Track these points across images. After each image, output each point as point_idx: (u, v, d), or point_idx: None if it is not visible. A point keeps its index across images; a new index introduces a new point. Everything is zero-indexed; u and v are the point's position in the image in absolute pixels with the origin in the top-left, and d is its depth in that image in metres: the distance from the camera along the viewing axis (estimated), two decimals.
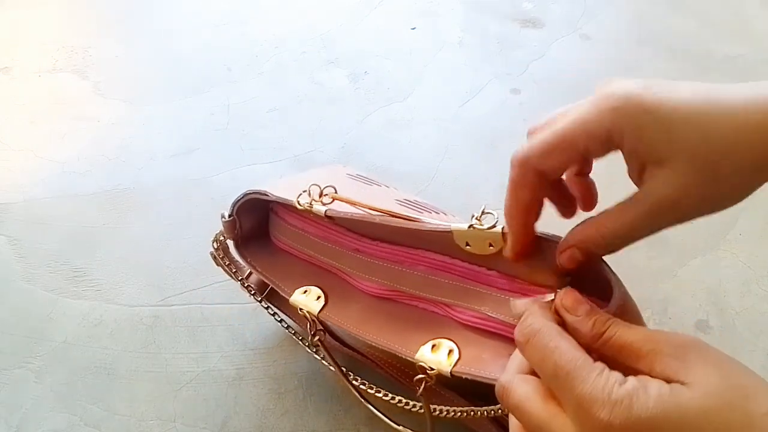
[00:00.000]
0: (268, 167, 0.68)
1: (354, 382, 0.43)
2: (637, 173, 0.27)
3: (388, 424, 0.44)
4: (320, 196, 0.39)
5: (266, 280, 0.44)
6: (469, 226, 0.33)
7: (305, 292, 0.41)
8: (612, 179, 0.31)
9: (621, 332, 0.26)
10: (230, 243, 0.45)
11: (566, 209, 0.33)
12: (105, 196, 0.65)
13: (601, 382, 0.23)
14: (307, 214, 0.41)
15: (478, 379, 0.33)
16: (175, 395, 0.49)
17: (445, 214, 0.45)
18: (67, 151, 0.70)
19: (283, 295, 0.42)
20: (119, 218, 0.62)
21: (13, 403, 0.48)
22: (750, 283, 0.56)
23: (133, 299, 0.55)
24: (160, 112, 0.75)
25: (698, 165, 0.25)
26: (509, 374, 0.27)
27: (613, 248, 0.28)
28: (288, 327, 0.47)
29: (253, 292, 0.46)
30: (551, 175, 0.28)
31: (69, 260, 0.58)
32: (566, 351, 0.25)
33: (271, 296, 0.48)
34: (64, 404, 0.48)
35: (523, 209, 0.30)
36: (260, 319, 0.54)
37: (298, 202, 0.39)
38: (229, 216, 0.43)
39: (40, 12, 0.92)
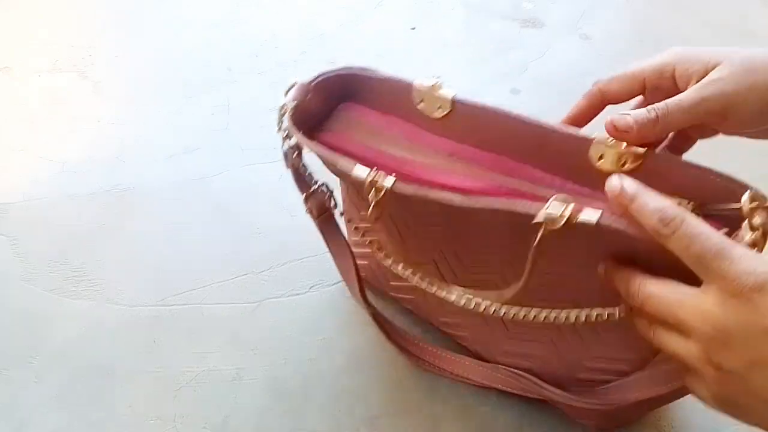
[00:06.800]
0: (268, 167, 0.68)
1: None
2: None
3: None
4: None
5: (321, 157, 0.38)
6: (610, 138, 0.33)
7: (371, 173, 0.36)
8: None
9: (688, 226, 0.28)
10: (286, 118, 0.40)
11: None
12: (105, 196, 0.65)
13: (747, 258, 0.26)
14: (407, 105, 0.38)
15: (627, 231, 0.29)
16: (175, 395, 0.49)
17: None
18: (67, 151, 0.70)
19: (343, 169, 0.36)
20: (119, 218, 0.62)
21: (13, 403, 0.48)
22: None
23: (133, 299, 0.55)
24: (160, 112, 0.75)
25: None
26: (681, 209, 0.29)
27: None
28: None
29: (317, 212, 0.43)
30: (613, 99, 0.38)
31: (69, 260, 0.58)
32: (712, 235, 0.27)
33: (326, 228, 0.46)
34: (64, 404, 0.48)
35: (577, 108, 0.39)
36: (260, 319, 0.54)
37: (421, 84, 0.37)
38: (309, 83, 0.39)
39: (40, 12, 0.92)
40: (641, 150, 0.32)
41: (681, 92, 0.34)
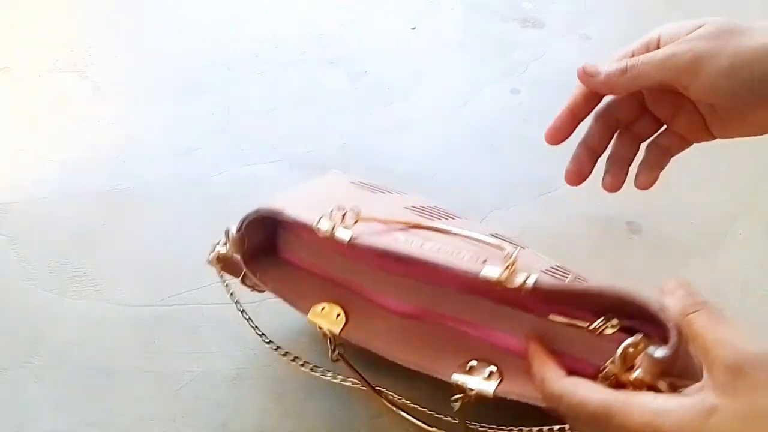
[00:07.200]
0: (268, 167, 0.68)
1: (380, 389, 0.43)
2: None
3: (391, 421, 0.44)
4: (343, 218, 0.37)
5: (279, 297, 0.43)
6: (498, 279, 0.32)
7: (323, 309, 0.40)
8: None
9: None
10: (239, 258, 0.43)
11: (617, 175, 0.38)
12: (105, 196, 0.65)
13: (631, 408, 0.25)
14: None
15: (523, 399, 0.33)
16: (175, 395, 0.49)
17: (459, 218, 0.44)
18: (67, 151, 0.70)
19: (299, 312, 0.41)
20: (119, 218, 0.62)
21: (13, 403, 0.48)
22: (750, 283, 0.56)
23: (133, 299, 0.55)
24: (160, 112, 0.75)
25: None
26: (559, 378, 0.29)
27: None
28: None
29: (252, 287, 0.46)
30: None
31: (69, 260, 0.58)
32: (592, 396, 0.27)
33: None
34: (64, 404, 0.48)
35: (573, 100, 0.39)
36: (260, 319, 0.54)
37: (318, 228, 0.37)
38: (237, 231, 0.41)
39: (40, 12, 0.92)
40: (531, 283, 0.32)
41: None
